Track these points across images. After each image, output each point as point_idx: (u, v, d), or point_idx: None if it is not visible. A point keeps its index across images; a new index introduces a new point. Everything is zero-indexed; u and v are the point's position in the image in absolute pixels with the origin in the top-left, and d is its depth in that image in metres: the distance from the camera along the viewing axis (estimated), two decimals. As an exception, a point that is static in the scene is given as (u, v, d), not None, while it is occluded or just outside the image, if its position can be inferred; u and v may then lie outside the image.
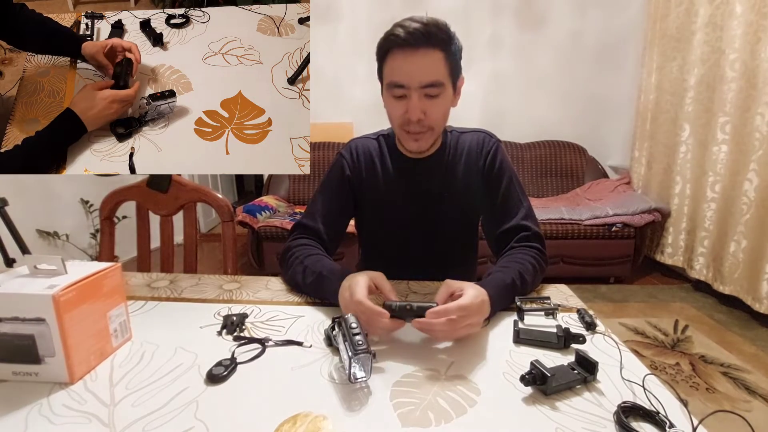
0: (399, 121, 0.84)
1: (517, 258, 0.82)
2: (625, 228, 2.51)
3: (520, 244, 0.87)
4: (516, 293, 0.75)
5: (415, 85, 0.79)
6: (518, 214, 0.90)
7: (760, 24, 2.05)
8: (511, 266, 0.79)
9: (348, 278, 0.69)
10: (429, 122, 0.82)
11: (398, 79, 0.79)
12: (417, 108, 0.80)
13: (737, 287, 2.19)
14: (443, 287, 0.67)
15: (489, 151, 0.93)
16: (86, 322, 0.56)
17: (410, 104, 0.80)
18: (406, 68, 0.78)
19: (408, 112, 0.81)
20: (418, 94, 0.79)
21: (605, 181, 3.07)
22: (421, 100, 0.80)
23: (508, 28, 3.21)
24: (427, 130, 0.84)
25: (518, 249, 0.86)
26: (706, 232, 2.41)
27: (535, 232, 0.88)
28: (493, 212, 0.93)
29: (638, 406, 0.48)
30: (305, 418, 0.46)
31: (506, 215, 0.90)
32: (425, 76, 0.78)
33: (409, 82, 0.79)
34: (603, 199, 2.83)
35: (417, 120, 0.81)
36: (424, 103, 0.80)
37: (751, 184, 2.10)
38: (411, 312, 0.61)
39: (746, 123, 2.13)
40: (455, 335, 0.63)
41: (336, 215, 0.95)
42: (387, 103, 0.85)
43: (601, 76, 3.24)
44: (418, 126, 0.82)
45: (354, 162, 0.96)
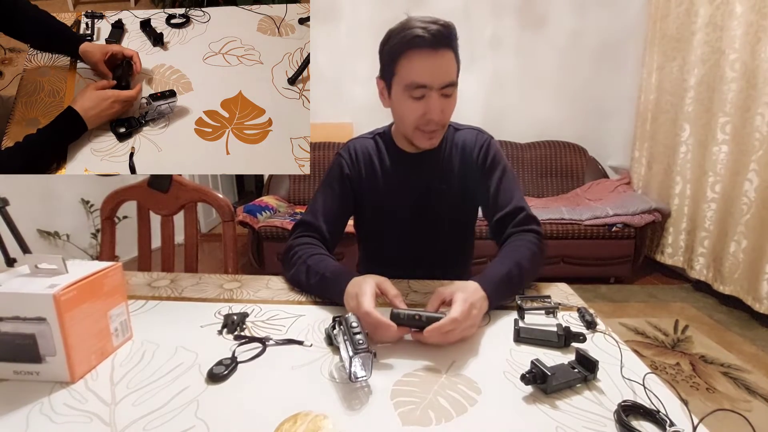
0: (416, 121, 0.84)
1: (513, 246, 0.83)
2: (625, 228, 2.51)
3: (517, 228, 0.88)
4: (515, 282, 0.75)
5: (437, 86, 0.80)
6: (513, 199, 0.91)
7: (760, 24, 2.05)
8: (508, 256, 0.80)
9: (353, 284, 0.69)
10: (444, 120, 0.85)
11: (420, 79, 0.80)
12: (438, 108, 0.81)
13: (737, 287, 2.19)
14: (434, 297, 0.67)
15: (482, 146, 0.95)
16: (87, 321, 0.56)
17: (431, 104, 0.81)
18: (428, 69, 0.79)
19: (429, 112, 0.82)
20: (437, 94, 0.81)
21: (605, 181, 3.07)
22: (440, 99, 0.81)
23: (508, 28, 3.21)
24: (440, 128, 0.87)
25: (515, 236, 0.87)
26: (706, 233, 2.41)
27: (530, 215, 0.90)
28: (490, 200, 0.94)
29: (639, 404, 0.48)
30: (306, 417, 0.46)
31: (502, 201, 0.92)
32: (445, 77, 0.80)
33: (431, 82, 0.80)
34: (603, 199, 2.83)
35: (438, 119, 0.83)
36: (442, 103, 0.82)
37: (751, 184, 2.10)
38: (419, 322, 0.62)
39: (746, 123, 2.13)
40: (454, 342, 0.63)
41: (337, 213, 0.96)
42: (402, 104, 0.85)
43: (601, 76, 3.24)
44: (434, 124, 0.84)
45: (353, 161, 0.97)
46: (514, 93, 3.32)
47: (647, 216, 2.52)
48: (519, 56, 3.25)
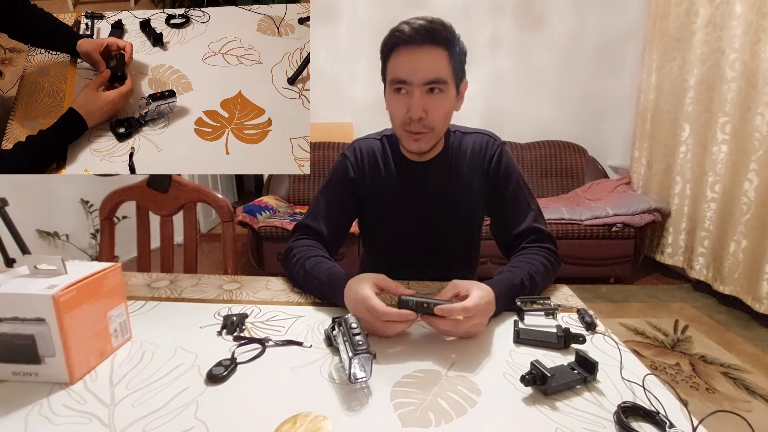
0: (400, 120, 0.83)
1: (528, 258, 0.83)
2: (625, 228, 2.51)
3: (532, 245, 0.87)
4: (525, 294, 0.75)
5: (418, 82, 0.78)
6: (528, 217, 0.90)
7: (760, 24, 2.05)
8: (521, 266, 0.79)
9: (352, 282, 0.69)
10: (430, 122, 0.81)
11: (401, 75, 0.79)
12: (419, 105, 0.79)
13: (737, 287, 2.19)
14: (450, 287, 0.68)
15: (493, 154, 0.92)
16: (86, 322, 0.56)
17: (412, 101, 0.79)
18: (409, 65, 0.78)
19: (410, 110, 0.80)
20: (420, 91, 0.79)
21: (605, 181, 3.07)
22: (423, 97, 0.79)
23: (508, 28, 3.21)
24: (428, 131, 0.83)
25: (530, 249, 0.86)
26: (706, 232, 2.41)
27: (546, 233, 0.89)
28: (502, 216, 0.93)
29: (638, 406, 0.48)
30: (305, 418, 0.46)
31: (516, 219, 0.90)
32: (428, 73, 0.78)
33: (411, 78, 0.78)
34: (603, 199, 2.83)
35: (418, 118, 0.80)
36: (425, 101, 0.80)
37: (751, 184, 2.10)
38: (427, 310, 0.62)
39: (746, 123, 2.13)
40: (459, 333, 0.64)
41: (338, 217, 0.95)
42: (389, 102, 0.85)
43: (601, 76, 3.24)
44: (419, 125, 0.81)
45: (358, 164, 0.95)
46: (513, 93, 3.32)
47: (647, 216, 2.52)
48: (518, 56, 3.25)
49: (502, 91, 3.30)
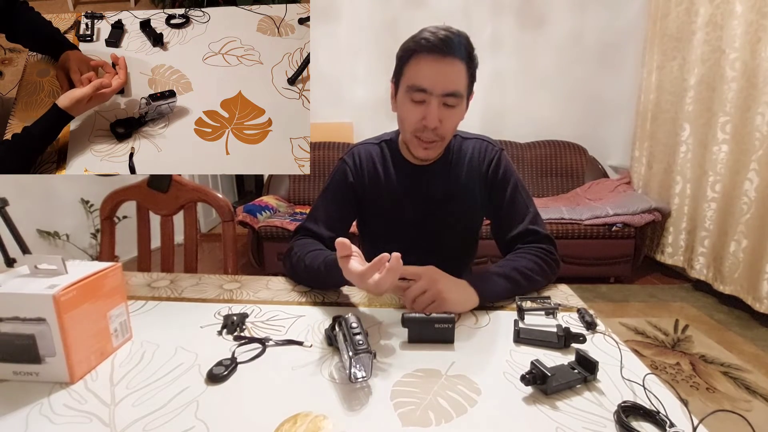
0: (413, 126, 0.83)
1: (516, 255, 0.84)
2: (625, 228, 2.51)
3: (527, 245, 0.88)
4: (509, 282, 0.77)
5: (438, 92, 0.79)
6: (525, 219, 0.90)
7: (760, 24, 2.05)
8: (506, 262, 0.82)
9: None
10: (442, 132, 0.83)
11: (422, 83, 0.79)
12: (435, 115, 0.80)
13: (737, 287, 2.19)
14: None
15: (492, 159, 0.94)
16: (86, 321, 0.56)
17: (429, 111, 0.80)
18: (431, 74, 0.78)
19: (425, 118, 0.80)
20: (437, 102, 0.79)
21: (605, 180, 3.07)
22: (440, 108, 0.80)
23: (508, 28, 3.21)
24: (439, 140, 0.84)
25: (523, 248, 0.87)
26: (706, 232, 2.41)
27: (544, 234, 0.89)
28: (500, 219, 0.94)
29: (638, 405, 0.48)
30: (305, 417, 0.46)
31: (513, 221, 0.91)
32: (448, 85, 0.79)
33: (432, 87, 0.79)
34: (603, 198, 2.83)
35: (433, 128, 0.81)
36: (441, 112, 0.80)
37: (752, 183, 2.10)
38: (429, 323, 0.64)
39: (746, 123, 2.13)
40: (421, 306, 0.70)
41: (338, 221, 0.96)
42: (403, 107, 0.84)
43: (601, 76, 3.24)
44: (432, 134, 0.82)
45: (357, 168, 0.96)
46: (513, 93, 3.31)
47: (647, 215, 2.52)
48: (519, 56, 3.25)
49: (502, 91, 3.30)
